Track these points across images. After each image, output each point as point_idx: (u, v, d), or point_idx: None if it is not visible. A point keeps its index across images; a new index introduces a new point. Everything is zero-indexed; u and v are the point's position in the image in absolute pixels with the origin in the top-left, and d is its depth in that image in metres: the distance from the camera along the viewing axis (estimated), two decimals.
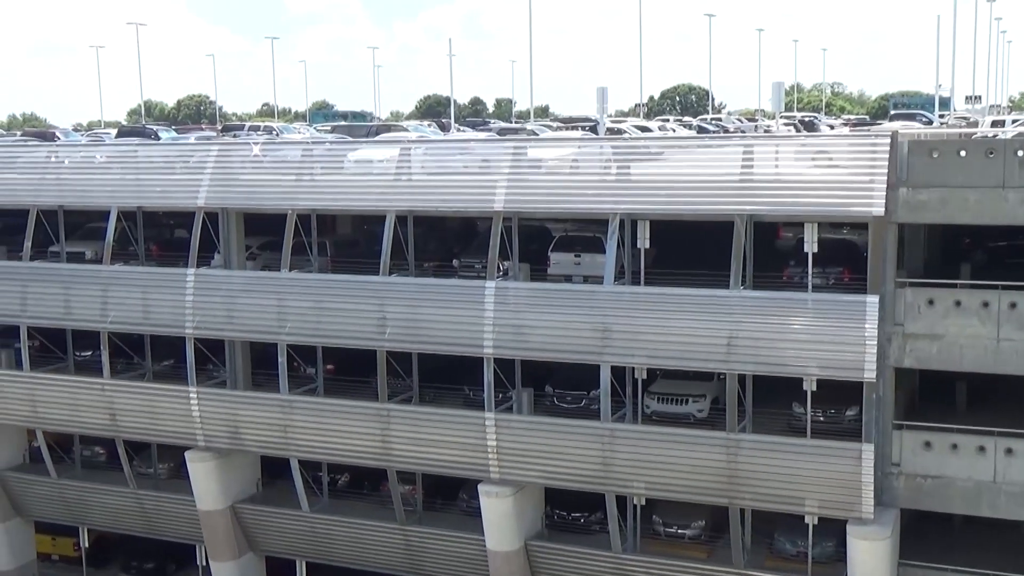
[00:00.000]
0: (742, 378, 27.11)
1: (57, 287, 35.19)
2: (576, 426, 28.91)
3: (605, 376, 28.22)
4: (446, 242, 34.29)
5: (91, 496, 36.78)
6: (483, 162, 30.64)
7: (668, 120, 63.76)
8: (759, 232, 27.32)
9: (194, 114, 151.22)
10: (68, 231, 36.00)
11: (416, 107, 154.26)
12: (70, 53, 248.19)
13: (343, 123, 67.98)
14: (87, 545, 38.12)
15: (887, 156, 25.66)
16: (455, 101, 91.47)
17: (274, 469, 34.45)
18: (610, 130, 43.77)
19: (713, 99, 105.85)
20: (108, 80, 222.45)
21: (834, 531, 27.35)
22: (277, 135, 50.18)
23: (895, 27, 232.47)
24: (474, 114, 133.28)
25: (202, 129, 64.01)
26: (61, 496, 37.26)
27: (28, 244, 35.64)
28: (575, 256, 29.92)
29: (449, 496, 32.67)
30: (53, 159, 36.79)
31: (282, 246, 31.84)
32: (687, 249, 28.07)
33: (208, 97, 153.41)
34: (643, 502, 29.23)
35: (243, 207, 33.02)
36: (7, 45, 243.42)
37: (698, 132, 50.42)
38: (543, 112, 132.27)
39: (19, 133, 58.19)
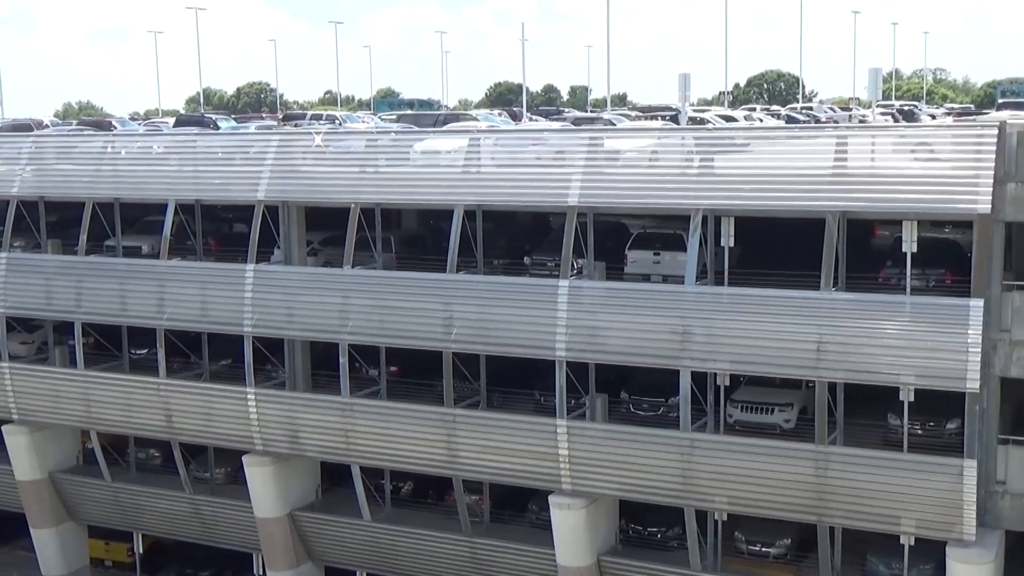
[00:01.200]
0: (833, 386, 26.77)
1: (113, 282, 35.85)
2: (653, 435, 28.77)
3: (685, 382, 28.05)
4: (517, 238, 34.29)
5: (146, 500, 37.44)
6: (557, 154, 30.59)
7: (755, 109, 63.13)
8: (853, 230, 26.94)
9: (254, 102, 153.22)
10: (124, 225, 36.65)
11: (486, 95, 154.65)
12: (127, 39, 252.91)
13: (409, 112, 68.27)
14: (141, 551, 38.78)
15: (994, 149, 25.16)
16: (527, 89, 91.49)
17: (335, 476, 34.77)
18: (692, 120, 43.47)
19: (804, 87, 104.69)
20: (166, 67, 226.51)
21: (932, 553, 26.89)
22: (340, 124, 50.53)
23: (1002, 9, 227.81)
24: (547, 103, 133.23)
25: (262, 118, 64.69)
26: (115, 500, 37.98)
27: (83, 238, 36.36)
28: (654, 254, 29.77)
29: (518, 507, 32.69)
30: (109, 150, 37.49)
31: (345, 241, 32.11)
32: (774, 248, 27.78)
33: (269, 84, 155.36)
34: (725, 517, 29.01)
35: (304, 200, 33.36)
36: (62, 31, 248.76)
37: (787, 122, 49.86)
38: (621, 100, 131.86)
39: (74, 122, 59.35)
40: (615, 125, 43.48)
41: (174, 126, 50.58)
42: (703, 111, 52.97)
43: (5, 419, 38.40)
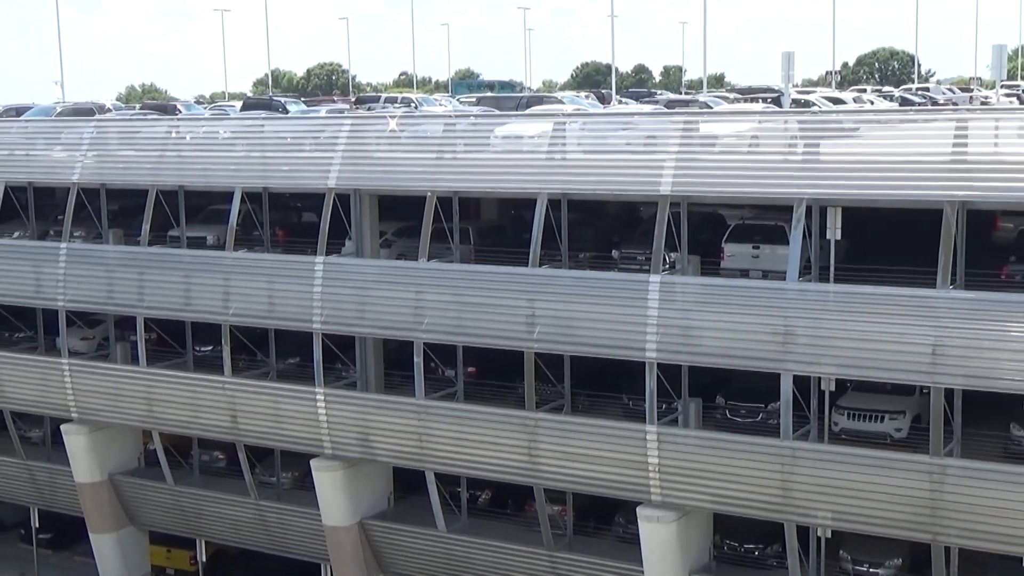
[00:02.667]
0: (949, 393, 26.32)
1: (176, 275, 36.45)
2: (751, 444, 28.55)
3: (786, 387, 27.78)
4: (605, 230, 34.23)
5: (209, 505, 38.02)
6: (648, 139, 30.48)
7: (865, 91, 62.34)
8: (973, 222, 26.48)
9: (325, 85, 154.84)
10: (189, 214, 37.22)
11: (572, 76, 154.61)
12: (192, 18, 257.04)
13: (489, 94, 68.42)
14: (204, 560, 39.32)
15: None
16: (616, 69, 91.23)
17: (408, 482, 34.98)
18: (796, 102, 43.07)
19: (919, 66, 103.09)
20: (233, 48, 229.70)
21: None
22: (416, 108, 50.88)
23: None
24: (638, 84, 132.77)
25: (334, 101, 65.33)
26: (177, 504, 38.62)
27: (146, 227, 37.00)
28: (753, 248, 29.54)
29: (603, 519, 32.63)
30: (174, 135, 38.13)
31: (420, 232, 32.28)
32: (885, 241, 27.42)
33: (340, 66, 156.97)
34: (828, 534, 28.67)
35: (377, 188, 33.60)
36: (125, 11, 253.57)
37: (901, 105, 49.17)
38: (718, 82, 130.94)
39: (138, 106, 60.52)
40: (711, 108, 43.21)
41: (241, 110, 51.36)
42: (808, 93, 52.44)
43: (64, 418, 39.22)
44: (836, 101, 47.32)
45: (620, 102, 57.27)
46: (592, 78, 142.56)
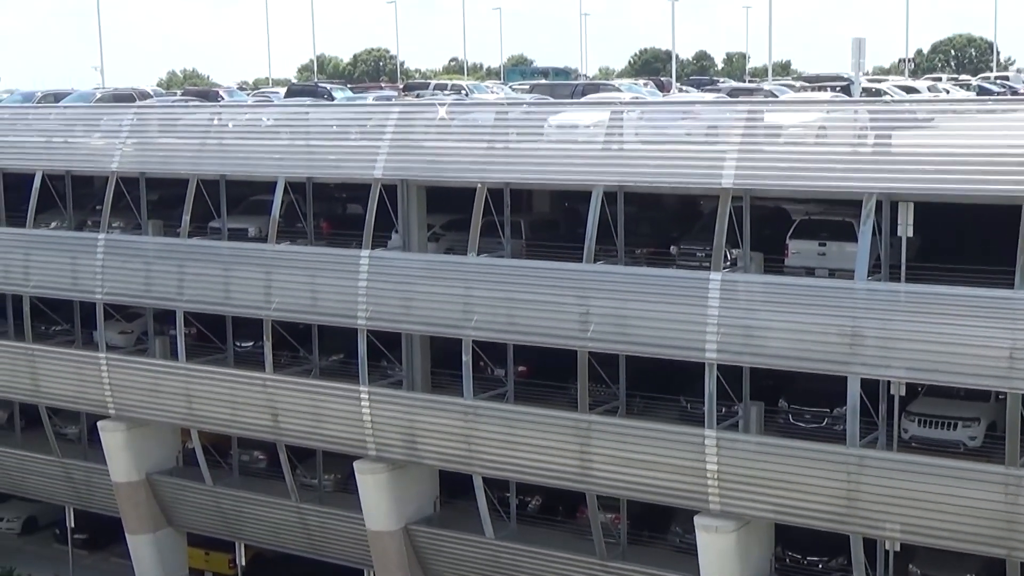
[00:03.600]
0: None
1: (217, 268, 36.73)
2: (816, 451, 28.37)
3: (854, 391, 27.58)
4: (663, 224, 34.11)
5: (249, 507, 38.29)
6: (710, 129, 30.37)
7: (940, 79, 61.68)
8: None
9: (372, 71, 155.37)
10: (230, 204, 37.49)
11: (630, 63, 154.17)
12: (235, 2, 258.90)
13: (543, 82, 68.42)
14: (243, 563, 39.65)
15: None
16: (677, 56, 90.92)
17: (454, 487, 35.07)
18: (867, 91, 42.68)
19: (998, 53, 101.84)
20: (277, 32, 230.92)
21: None
22: (467, 95, 50.95)
23: None
24: (699, 71, 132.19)
25: (381, 88, 65.59)
26: (216, 506, 38.93)
27: (186, 218, 37.30)
28: (819, 244, 29.33)
29: (659, 528, 32.55)
30: (215, 122, 38.42)
31: (469, 225, 32.31)
32: (960, 239, 27.14)
33: (388, 51, 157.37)
34: (897, 547, 28.44)
35: (426, 179, 33.68)
36: None
37: (978, 94, 48.59)
38: (783, 69, 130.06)
39: (179, 92, 61.00)
40: (777, 97, 42.95)
41: (285, 97, 51.63)
42: (879, 81, 51.95)
43: (101, 415, 39.66)
44: (909, 90, 46.86)
45: (680, 90, 57.06)
46: (651, 65, 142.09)
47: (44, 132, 41.75)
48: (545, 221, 36.26)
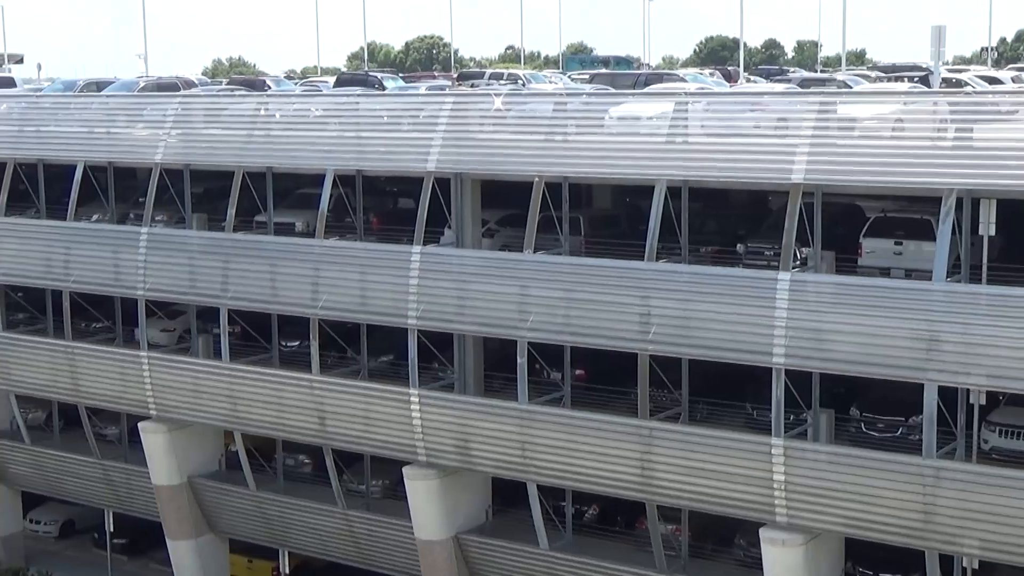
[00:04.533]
0: None
1: (263, 264, 36.99)
2: (889, 461, 28.18)
3: (930, 399, 27.38)
4: (729, 221, 34.04)
5: (293, 514, 38.54)
6: (779, 121, 30.21)
7: None
8: None
9: (425, 59, 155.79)
10: (277, 198, 37.76)
11: (695, 52, 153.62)
12: None
13: (604, 71, 68.25)
14: (287, 571, 39.90)
15: None
16: (744, 44, 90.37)
17: (508, 495, 35.13)
18: (946, 82, 42.27)
19: None
20: (326, 19, 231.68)
21: None
22: (524, 85, 50.93)
23: None
24: (768, 60, 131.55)
25: (434, 77, 65.67)
26: (260, 511, 39.22)
27: (231, 212, 37.60)
28: (895, 243, 29.15)
29: (723, 541, 32.49)
30: (262, 112, 38.70)
31: (526, 221, 32.34)
32: None
33: (442, 39, 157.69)
34: (975, 565, 28.22)
35: (480, 172, 33.74)
36: None
37: None
38: (858, 59, 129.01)
39: (224, 82, 61.43)
40: (851, 88, 42.62)
41: (334, 86, 51.84)
42: (960, 72, 51.38)
43: (142, 415, 40.06)
44: (992, 80, 46.31)
45: (748, 80, 56.75)
46: (717, 54, 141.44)
47: (86, 122, 42.19)
48: (605, 217, 36.23)
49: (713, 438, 30.36)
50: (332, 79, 58.25)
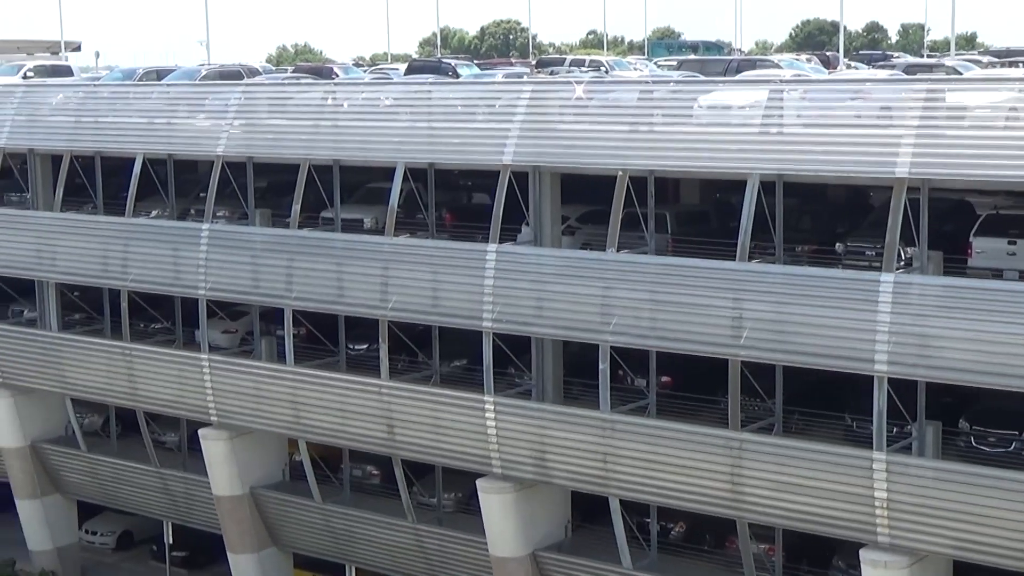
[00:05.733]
0: None
1: (329, 262, 37.19)
2: (1003, 479, 27.83)
3: None
4: (827, 218, 33.85)
5: (361, 527, 38.73)
6: (882, 111, 29.92)
7: None
8: None
9: (501, 45, 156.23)
10: (344, 193, 37.95)
11: (790, 36, 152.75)
12: None
13: (693, 57, 68.04)
14: None
15: None
16: (845, 28, 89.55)
17: (589, 510, 35.08)
18: None
19: None
20: (397, 3, 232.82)
21: None
22: (606, 72, 50.81)
23: None
24: (871, 45, 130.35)
25: (511, 64, 65.81)
26: (325, 524, 39.45)
27: (296, 208, 37.84)
28: (1009, 243, 28.80)
29: (819, 562, 32.26)
30: (329, 102, 38.89)
31: (608, 218, 32.26)
32: None
33: (519, 23, 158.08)
34: None
35: (561, 165, 33.71)
36: None
37: None
38: (968, 43, 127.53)
39: (290, 69, 61.90)
40: (960, 74, 42.10)
41: (405, 74, 52.06)
42: None
43: (202, 422, 40.44)
44: None
45: (848, 67, 56.27)
46: (815, 38, 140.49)
47: (145, 113, 42.65)
48: (693, 213, 36.10)
49: (809, 451, 30.12)
50: (403, 66, 58.49)
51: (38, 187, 44.04)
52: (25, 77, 54.00)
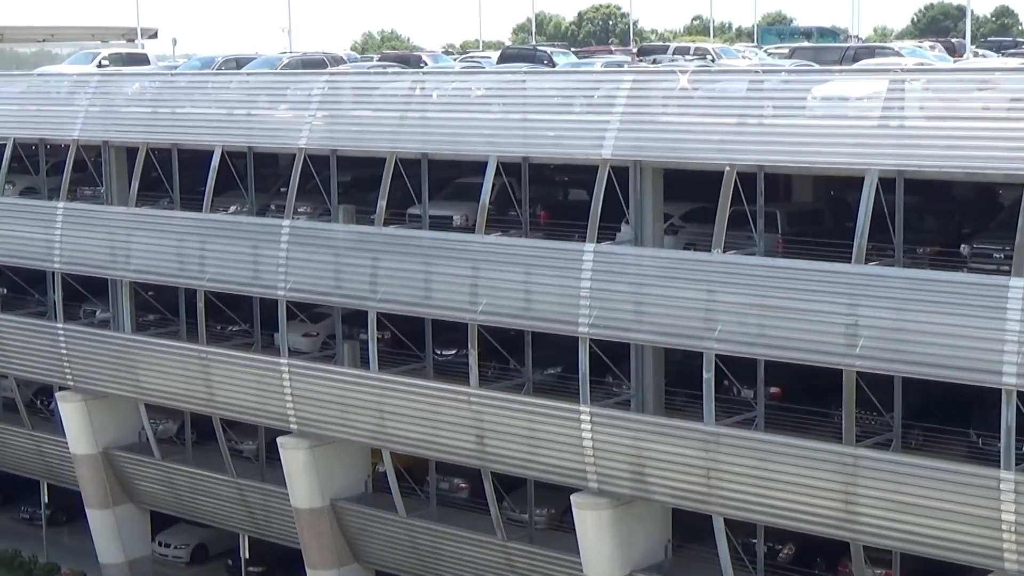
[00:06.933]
0: None
1: (416, 262, 37.36)
2: None
3: None
4: (952, 218, 33.59)
5: (447, 543, 38.87)
6: (1013, 102, 29.50)
7: None
8: None
9: (600, 31, 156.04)
10: (433, 188, 38.10)
11: (912, 22, 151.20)
12: None
13: (806, 44, 67.58)
14: None
15: None
16: (971, 12, 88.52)
17: (690, 528, 34.98)
18: None
19: None
20: None
21: None
22: (713, 61, 50.62)
23: None
24: (999, 31, 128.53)
25: (610, 52, 65.60)
26: (410, 540, 39.63)
27: (382, 203, 38.05)
28: None
29: None
30: (418, 91, 39.04)
31: (714, 217, 32.13)
32: None
33: (619, 8, 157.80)
34: None
35: (663, 160, 33.62)
36: None
37: None
38: None
39: (376, 58, 62.29)
40: None
41: (498, 62, 52.18)
42: None
43: (281, 430, 40.79)
44: None
45: (975, 54, 55.55)
46: (939, 24, 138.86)
47: (224, 103, 43.15)
48: (806, 212, 35.86)
49: (930, 469, 29.82)
50: (496, 54, 58.64)
51: (112, 181, 44.73)
52: (100, 66, 54.78)
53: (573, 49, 66.89)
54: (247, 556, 43.81)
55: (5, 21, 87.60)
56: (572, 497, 35.03)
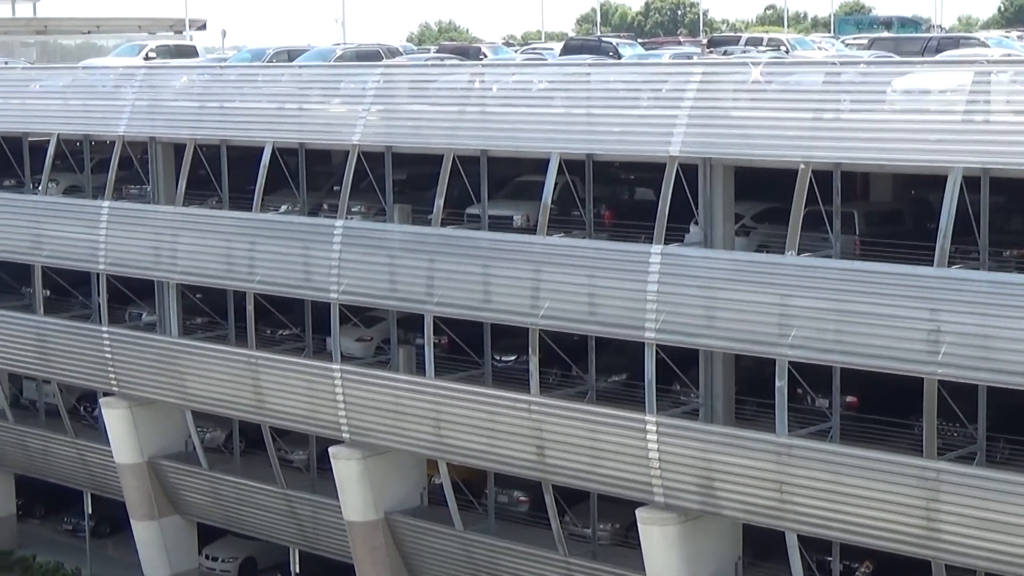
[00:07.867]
0: None
1: (475, 264, 37.44)
2: None
3: None
4: None
5: (506, 559, 38.90)
6: None
7: None
8: None
9: (668, 22, 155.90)
10: (492, 187, 38.15)
11: (999, 10, 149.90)
12: None
13: (886, 35, 67.27)
14: None
15: None
16: None
17: (762, 545, 34.88)
18: None
19: None
20: None
21: None
22: (787, 52, 50.47)
23: None
24: None
25: (679, 43, 65.60)
26: (467, 556, 39.69)
27: (439, 203, 38.13)
28: None
29: None
30: (477, 85, 39.10)
31: (788, 217, 32.02)
32: None
33: None
34: None
35: (734, 158, 33.56)
36: None
37: None
38: None
39: (433, 49, 62.49)
40: None
41: (561, 54, 52.26)
42: None
43: (334, 439, 40.94)
44: None
45: None
46: None
47: (275, 98, 43.31)
48: (885, 212, 35.67)
49: (1016, 484, 29.58)
50: (558, 46, 58.70)
51: (159, 179, 45.03)
52: (146, 58, 55.29)
53: (640, 40, 66.93)
54: (297, 570, 43.98)
55: (49, 12, 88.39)
56: (637, 511, 34.99)
